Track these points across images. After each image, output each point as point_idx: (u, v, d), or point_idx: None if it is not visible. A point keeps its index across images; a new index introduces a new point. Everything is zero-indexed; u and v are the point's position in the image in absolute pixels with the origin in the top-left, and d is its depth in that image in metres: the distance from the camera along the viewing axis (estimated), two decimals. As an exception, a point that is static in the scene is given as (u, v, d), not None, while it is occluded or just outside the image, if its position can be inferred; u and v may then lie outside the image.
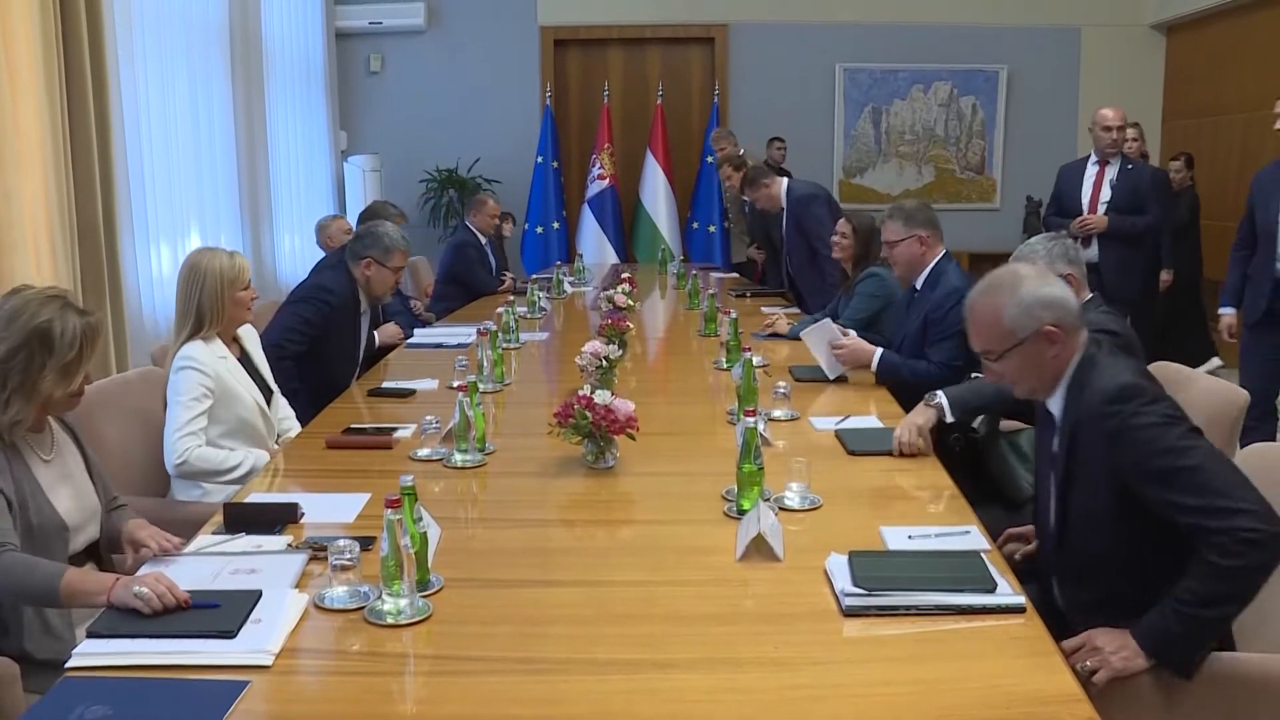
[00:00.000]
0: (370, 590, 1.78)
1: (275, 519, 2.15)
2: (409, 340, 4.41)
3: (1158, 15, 8.22)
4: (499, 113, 8.44)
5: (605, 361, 3.07)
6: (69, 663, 1.59)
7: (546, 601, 1.84)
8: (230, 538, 2.08)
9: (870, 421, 2.94)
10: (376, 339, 4.36)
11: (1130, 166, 5.06)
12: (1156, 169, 5.92)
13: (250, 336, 3.12)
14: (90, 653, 1.61)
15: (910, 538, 2.05)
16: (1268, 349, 4.25)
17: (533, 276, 6.21)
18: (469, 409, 2.54)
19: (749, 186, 5.71)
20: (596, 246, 8.19)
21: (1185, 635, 1.76)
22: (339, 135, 8.09)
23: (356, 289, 3.78)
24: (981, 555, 1.89)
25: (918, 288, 3.58)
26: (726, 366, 3.62)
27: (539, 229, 8.29)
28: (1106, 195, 5.00)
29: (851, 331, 3.61)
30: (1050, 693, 1.49)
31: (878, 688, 1.54)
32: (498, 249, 6.56)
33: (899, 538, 2.05)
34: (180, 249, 5.04)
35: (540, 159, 8.25)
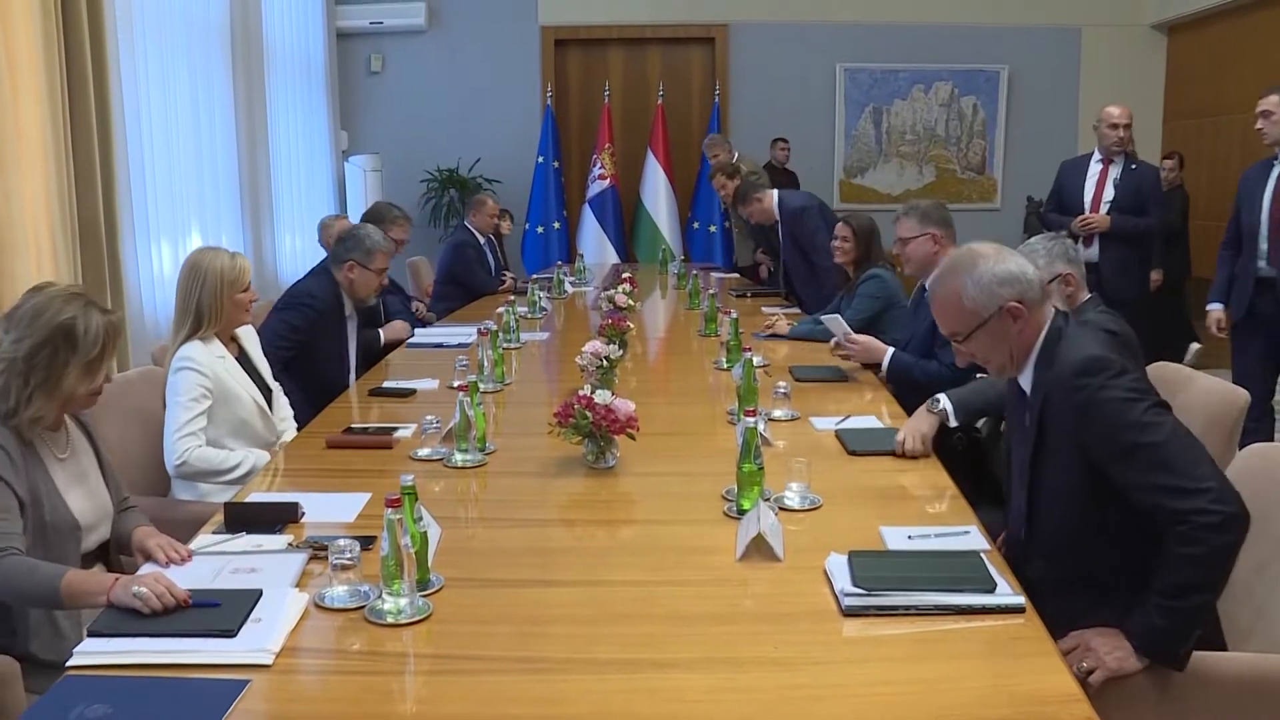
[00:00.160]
0: (370, 590, 1.78)
1: (276, 518, 2.16)
2: (409, 340, 4.41)
3: (1158, 15, 8.22)
4: (499, 113, 8.44)
5: (606, 361, 3.07)
6: (69, 661, 1.59)
7: (546, 601, 1.84)
8: (231, 537, 2.09)
9: (870, 422, 2.94)
10: (382, 336, 4.38)
11: (1134, 166, 4.98)
12: (1157, 169, 5.90)
13: (249, 336, 3.11)
14: (91, 651, 1.61)
15: (910, 538, 2.05)
16: (1256, 349, 4.24)
17: (533, 276, 6.21)
18: (469, 409, 2.55)
19: (741, 203, 5.70)
20: (597, 246, 8.19)
21: (1170, 628, 1.77)
22: (340, 135, 8.09)
23: (340, 292, 3.78)
24: (981, 555, 1.89)
25: (928, 287, 3.57)
26: (727, 366, 3.62)
27: (539, 229, 8.29)
28: (1110, 195, 4.92)
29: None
30: (1049, 692, 1.49)
31: (877, 687, 1.54)
32: (497, 248, 6.56)
33: (899, 538, 2.05)
34: (181, 249, 5.04)
35: (541, 159, 8.25)
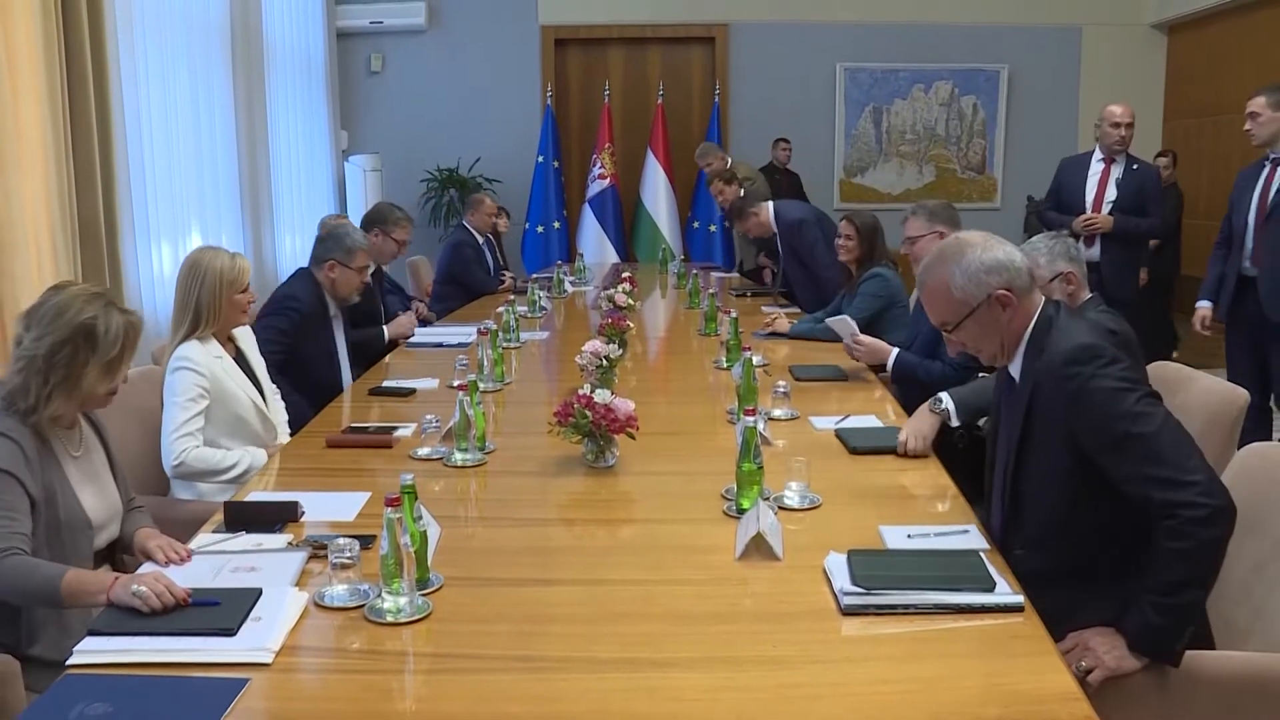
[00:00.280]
0: (370, 588, 1.78)
1: (276, 517, 2.16)
2: (409, 340, 4.41)
3: (1159, 15, 8.23)
4: (500, 112, 8.44)
5: (605, 361, 3.07)
6: (69, 660, 1.59)
7: (546, 600, 1.84)
8: (231, 536, 2.09)
9: (870, 421, 2.94)
10: (387, 333, 4.38)
11: (1135, 166, 4.93)
12: (1158, 170, 5.89)
13: (245, 336, 3.11)
14: (91, 650, 1.61)
15: (909, 537, 2.05)
16: (1246, 348, 4.24)
17: (533, 276, 6.21)
18: (469, 408, 2.55)
19: (738, 219, 5.70)
20: (597, 246, 8.20)
21: (1164, 625, 1.77)
22: (340, 135, 8.09)
23: (323, 293, 3.78)
24: (980, 554, 1.89)
25: (917, 277, 3.57)
26: (726, 366, 3.62)
27: (539, 228, 8.30)
28: (1112, 194, 4.86)
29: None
30: (1048, 691, 1.50)
31: (876, 686, 1.54)
32: (496, 248, 6.56)
33: (898, 537, 2.05)
34: (181, 248, 5.05)
35: (541, 158, 8.26)
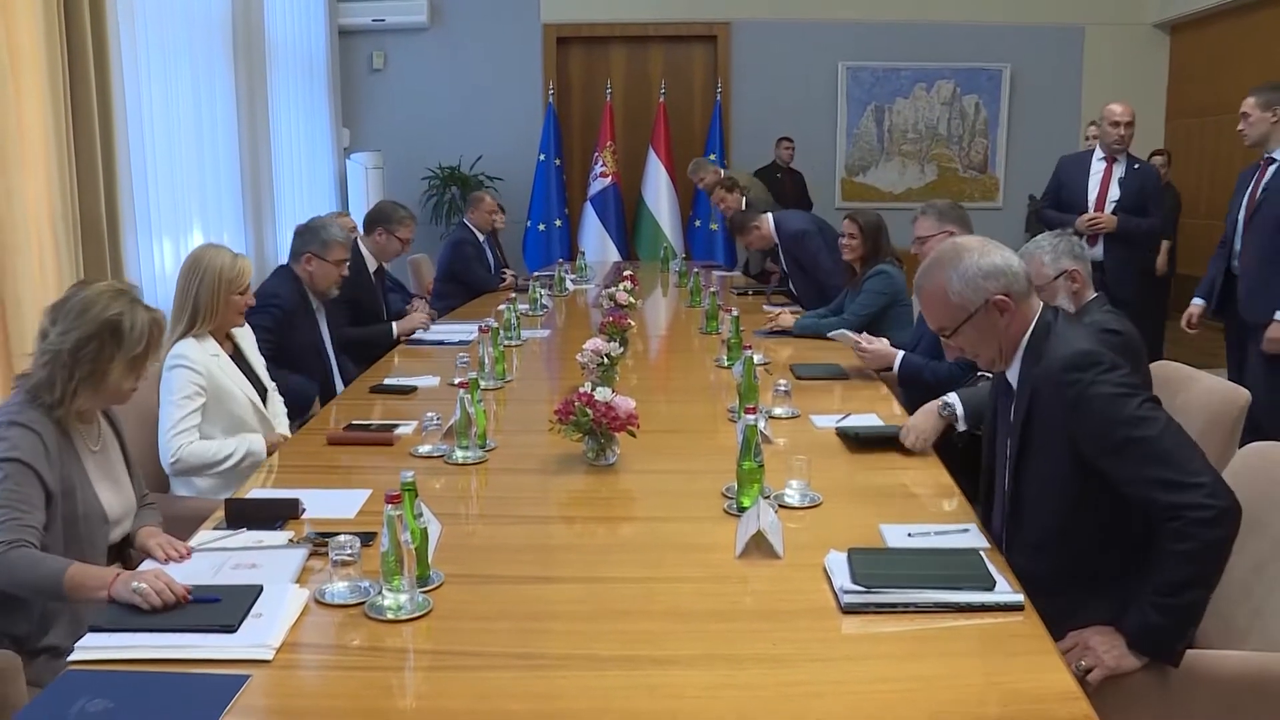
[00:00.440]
0: (371, 585, 1.78)
1: (276, 514, 2.16)
2: (410, 337, 4.41)
3: (1161, 14, 8.22)
4: (501, 110, 8.44)
5: (606, 359, 3.07)
6: (70, 656, 1.60)
7: (546, 597, 1.85)
8: (232, 533, 2.09)
9: (871, 420, 2.94)
10: (395, 329, 4.39)
11: (1136, 166, 4.93)
12: (1157, 169, 5.88)
13: (244, 335, 3.12)
14: (92, 646, 1.61)
15: (910, 535, 2.05)
16: (1235, 347, 4.24)
17: (534, 274, 6.21)
18: (470, 406, 2.55)
19: (739, 233, 5.71)
20: (598, 244, 8.20)
21: (1166, 625, 1.77)
22: (341, 132, 8.09)
23: (302, 288, 3.78)
24: (980, 553, 1.89)
25: (914, 283, 3.57)
26: (727, 364, 3.62)
27: (541, 226, 8.30)
28: (1114, 194, 4.85)
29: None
30: (1048, 690, 1.50)
31: (876, 684, 1.54)
32: (495, 245, 6.56)
33: (898, 535, 2.05)
34: (183, 246, 5.04)
35: (542, 156, 8.25)
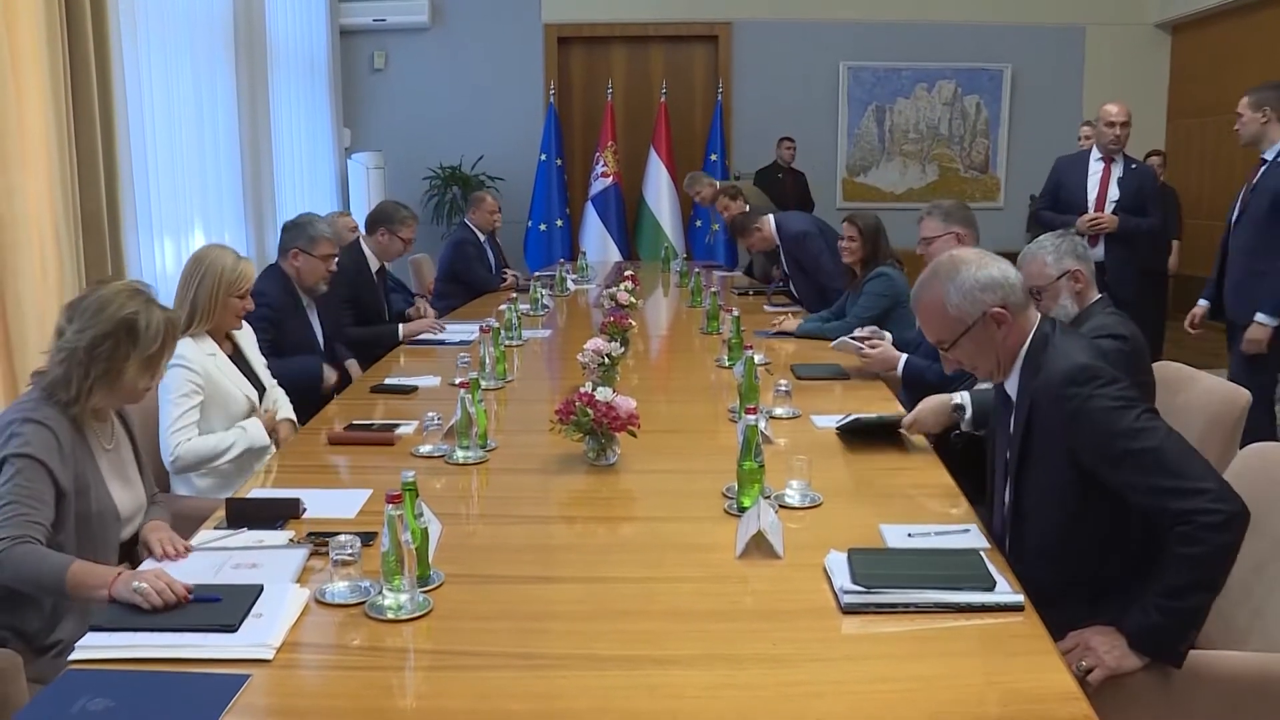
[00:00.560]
0: (371, 585, 1.78)
1: (277, 514, 2.16)
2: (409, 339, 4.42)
3: (1162, 14, 8.21)
4: (502, 110, 8.44)
5: (607, 359, 3.07)
6: (71, 655, 1.60)
7: (547, 597, 1.85)
8: (232, 532, 2.10)
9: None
10: (401, 332, 4.39)
11: (1134, 166, 4.94)
12: (1153, 169, 5.87)
13: (245, 335, 3.11)
14: (93, 645, 1.62)
15: (910, 535, 2.05)
16: (1235, 345, 4.23)
17: (535, 274, 6.22)
18: (471, 406, 2.55)
19: (741, 235, 5.71)
20: (600, 244, 8.20)
21: (1169, 627, 1.77)
22: (343, 132, 8.09)
23: (291, 285, 3.78)
24: (981, 553, 1.89)
25: (912, 296, 3.57)
26: (728, 364, 3.62)
27: (542, 226, 8.30)
28: (1114, 194, 4.86)
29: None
30: (1047, 690, 1.50)
31: (876, 685, 1.54)
32: (495, 245, 6.56)
33: (899, 535, 2.05)
34: (184, 245, 5.04)
35: (544, 156, 8.25)
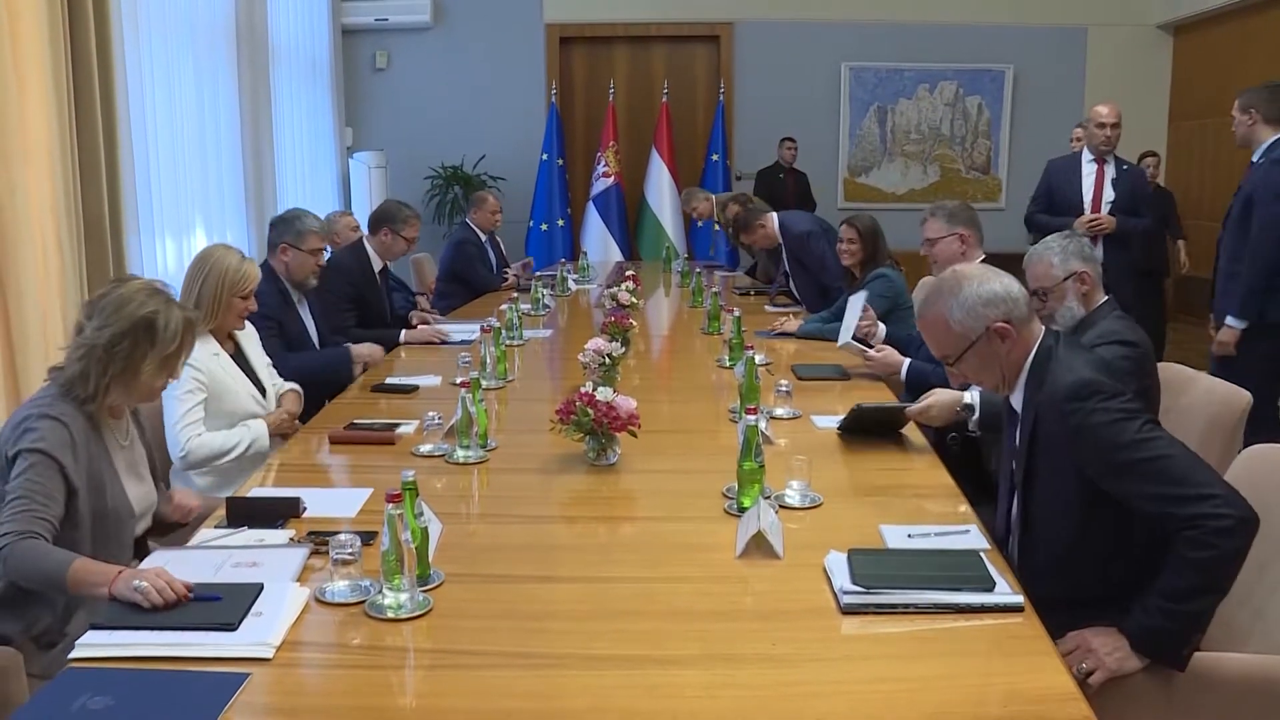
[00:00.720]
0: (371, 584, 1.78)
1: (278, 513, 2.17)
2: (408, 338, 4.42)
3: (1164, 15, 8.21)
4: (504, 110, 8.45)
5: (608, 359, 3.07)
6: (72, 653, 1.60)
7: (547, 597, 1.85)
8: (233, 531, 2.10)
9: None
10: (402, 337, 4.39)
11: (1126, 167, 4.95)
12: (1144, 170, 5.88)
13: (248, 334, 3.12)
14: (93, 644, 1.62)
15: (910, 536, 2.06)
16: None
17: (536, 274, 6.22)
18: (471, 405, 2.55)
19: (745, 232, 5.69)
20: (601, 244, 8.21)
21: (1172, 630, 1.77)
22: (344, 132, 8.09)
23: (281, 283, 3.77)
24: (980, 554, 1.89)
25: (915, 312, 3.58)
26: (729, 364, 3.63)
27: (544, 226, 8.30)
28: (1110, 195, 4.86)
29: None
30: (1047, 691, 1.50)
31: (875, 685, 1.54)
32: (496, 245, 6.56)
33: (898, 536, 2.06)
34: (185, 245, 5.06)
35: (545, 156, 8.26)
